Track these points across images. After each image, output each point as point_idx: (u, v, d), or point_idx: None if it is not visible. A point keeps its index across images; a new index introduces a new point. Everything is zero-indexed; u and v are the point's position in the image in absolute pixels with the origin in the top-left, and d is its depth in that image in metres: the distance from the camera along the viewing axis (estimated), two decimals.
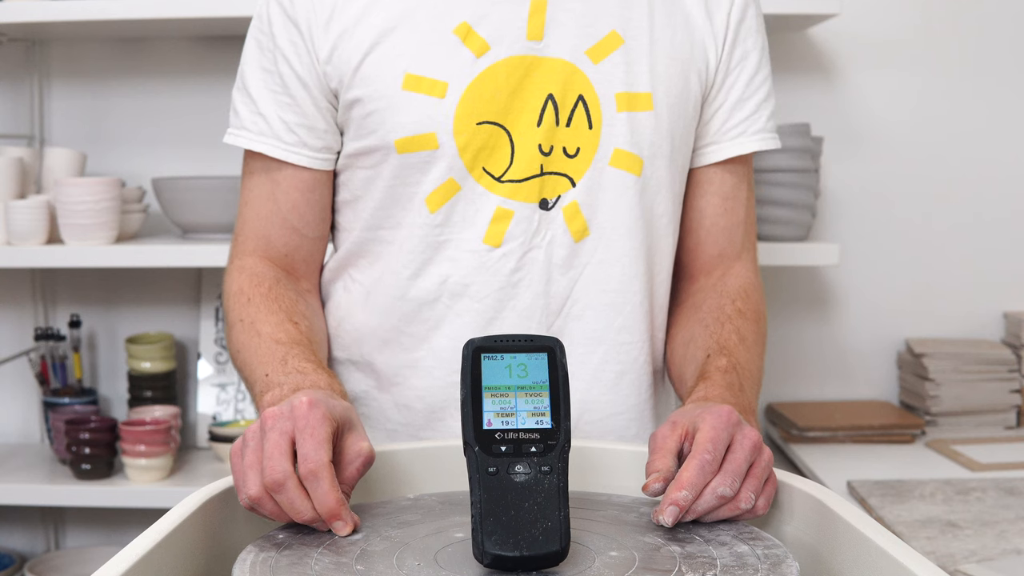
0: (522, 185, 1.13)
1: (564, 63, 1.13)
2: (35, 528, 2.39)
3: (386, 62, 1.12)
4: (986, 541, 1.49)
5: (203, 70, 2.30)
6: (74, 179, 2.00)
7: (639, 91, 1.15)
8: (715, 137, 1.22)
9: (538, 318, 1.16)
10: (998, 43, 2.28)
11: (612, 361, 1.19)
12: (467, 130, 1.12)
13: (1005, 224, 2.31)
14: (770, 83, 1.23)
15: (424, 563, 0.76)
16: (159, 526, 0.79)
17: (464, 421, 0.78)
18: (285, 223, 1.20)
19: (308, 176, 1.19)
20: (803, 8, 2.00)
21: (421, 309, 1.17)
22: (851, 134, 2.29)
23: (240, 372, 1.14)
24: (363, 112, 1.14)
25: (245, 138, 1.19)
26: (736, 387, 1.07)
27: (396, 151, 1.13)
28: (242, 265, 1.20)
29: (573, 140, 1.14)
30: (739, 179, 1.24)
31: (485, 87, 1.12)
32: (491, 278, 1.15)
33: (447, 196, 1.14)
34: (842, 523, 0.82)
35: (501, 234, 1.14)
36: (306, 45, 1.15)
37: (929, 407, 2.18)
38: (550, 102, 1.13)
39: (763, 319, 1.22)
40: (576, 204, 1.15)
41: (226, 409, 2.28)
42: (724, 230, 1.24)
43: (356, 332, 1.21)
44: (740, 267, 1.25)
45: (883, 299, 2.33)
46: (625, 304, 1.18)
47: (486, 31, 1.12)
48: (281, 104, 1.17)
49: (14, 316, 2.36)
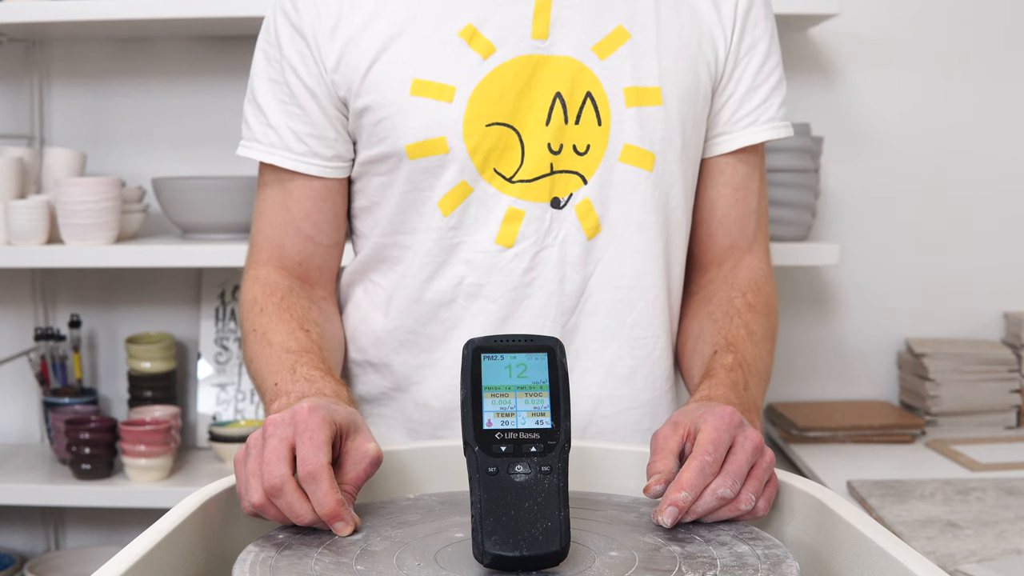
0: (533, 185, 1.14)
1: (571, 61, 1.13)
2: (35, 528, 2.39)
3: (393, 68, 1.13)
4: (986, 541, 1.49)
5: (203, 70, 2.30)
6: (74, 179, 2.00)
7: (647, 85, 1.15)
8: (726, 127, 1.22)
9: (552, 316, 1.16)
10: (998, 43, 2.28)
11: (626, 356, 1.19)
12: (477, 132, 1.12)
13: (1005, 224, 2.32)
14: (780, 71, 1.23)
15: (424, 563, 0.76)
16: (159, 526, 0.79)
17: (464, 421, 0.78)
18: (299, 232, 1.21)
19: (320, 185, 1.19)
20: (803, 8, 2.00)
21: (438, 311, 1.18)
22: (851, 134, 2.29)
23: (253, 382, 1.15)
24: (373, 119, 1.14)
25: (256, 150, 1.19)
26: (741, 385, 1.07)
27: (408, 157, 1.13)
28: (256, 275, 1.21)
29: (583, 137, 1.14)
30: (751, 168, 1.24)
31: (493, 88, 1.12)
32: (505, 278, 1.16)
33: (460, 199, 1.14)
34: (842, 523, 0.82)
35: (513, 234, 1.14)
36: (313, 55, 1.15)
37: (929, 407, 2.18)
38: (558, 100, 1.13)
39: (774, 312, 1.22)
40: (588, 201, 1.15)
41: (226, 409, 2.28)
42: (736, 220, 1.24)
43: (374, 335, 1.22)
44: (751, 259, 1.25)
45: (883, 299, 2.33)
46: (639, 299, 1.18)
47: (491, 32, 1.12)
48: (290, 114, 1.17)
49: (14, 316, 2.36)
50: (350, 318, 1.25)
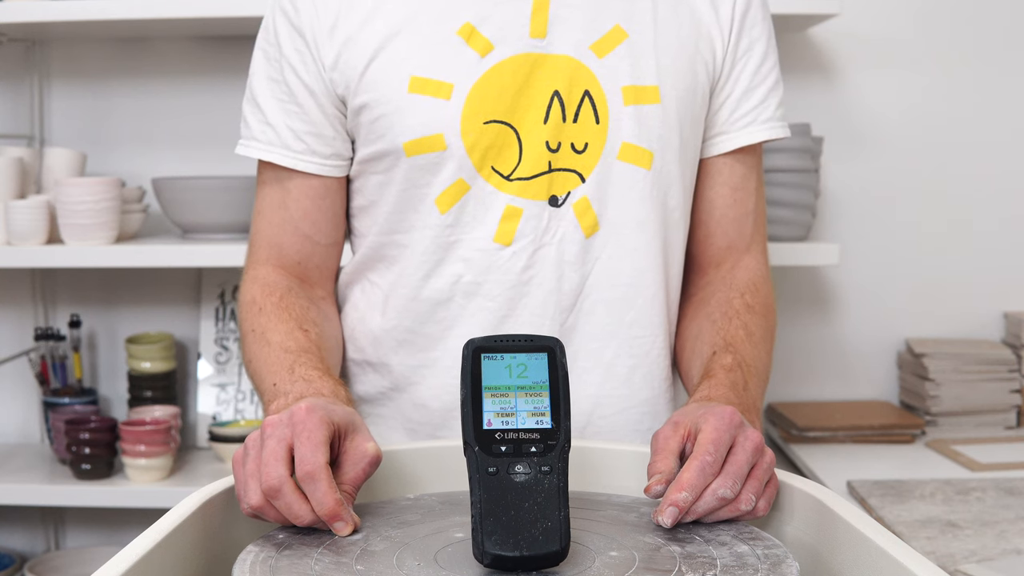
0: (531, 183, 1.14)
1: (568, 59, 1.13)
2: (35, 528, 2.39)
3: (391, 66, 1.13)
4: (986, 541, 1.49)
5: (203, 70, 2.30)
6: (74, 179, 2.00)
7: (645, 84, 1.15)
8: (724, 127, 1.22)
9: (551, 315, 1.16)
10: (998, 43, 2.28)
11: (625, 355, 1.19)
12: (474, 130, 1.12)
13: (1005, 224, 2.31)
14: (777, 71, 1.24)
15: (424, 563, 0.76)
16: (159, 526, 0.79)
17: (464, 421, 0.78)
18: (297, 231, 1.21)
19: (318, 183, 1.19)
20: (803, 8, 2.00)
21: (435, 309, 1.18)
22: (851, 134, 2.29)
23: (252, 381, 1.15)
24: (371, 117, 1.14)
25: (255, 148, 1.19)
26: (740, 386, 1.07)
27: (405, 154, 1.14)
28: (255, 275, 1.21)
29: (581, 136, 1.14)
30: (748, 169, 1.24)
31: (491, 86, 1.12)
32: (503, 277, 1.15)
33: (457, 196, 1.14)
34: (842, 523, 0.82)
35: (511, 232, 1.14)
36: (311, 53, 1.15)
37: (929, 407, 2.18)
38: (556, 99, 1.13)
39: (772, 312, 1.22)
40: (587, 200, 1.15)
41: (226, 409, 2.28)
42: (733, 221, 1.24)
43: (372, 334, 1.22)
44: (749, 259, 1.25)
45: (883, 299, 2.33)
46: (637, 297, 1.18)
47: (489, 31, 1.13)
48: (289, 113, 1.17)
49: (14, 316, 2.36)
50: (348, 318, 1.25)
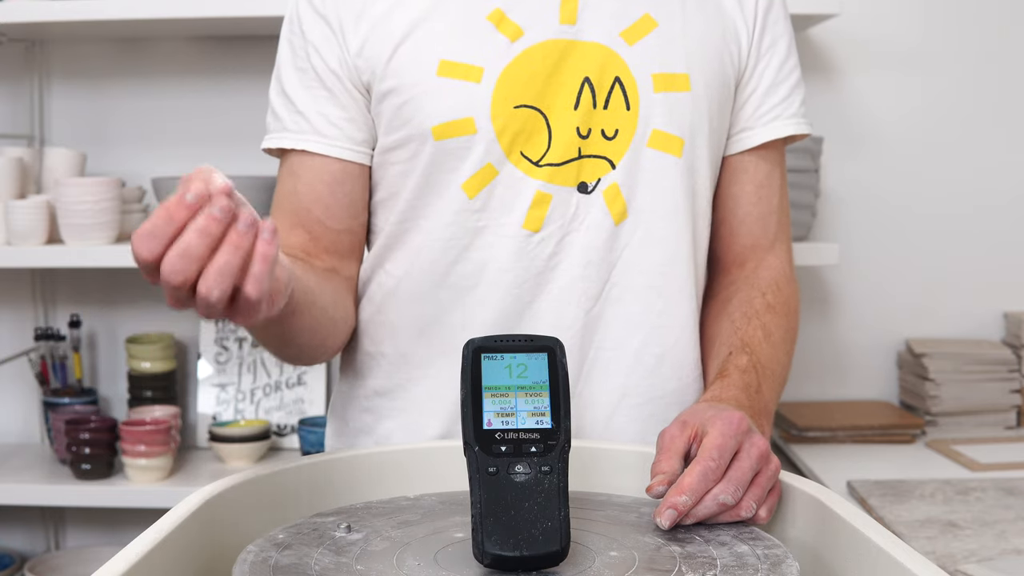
0: (560, 169, 1.13)
1: (599, 46, 1.13)
2: (35, 528, 2.39)
3: (420, 50, 1.12)
4: (986, 541, 1.49)
5: (203, 70, 2.30)
6: (74, 179, 2.00)
7: (676, 72, 1.14)
8: (748, 123, 1.22)
9: (576, 302, 1.15)
10: (998, 43, 2.28)
11: (653, 344, 1.17)
12: (504, 114, 1.11)
13: (1005, 224, 2.31)
14: (799, 71, 1.24)
15: (424, 563, 0.76)
16: (159, 526, 0.79)
17: (464, 421, 0.78)
18: (309, 214, 1.18)
19: (338, 169, 1.17)
20: (803, 8, 2.00)
21: (461, 296, 1.16)
22: (851, 134, 2.29)
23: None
24: (397, 102, 1.13)
25: (289, 139, 1.18)
26: (753, 388, 1.06)
27: (433, 138, 1.12)
28: None
29: (611, 122, 1.13)
30: (772, 166, 1.24)
31: (521, 71, 1.12)
32: (529, 263, 1.14)
33: (485, 181, 1.13)
34: (842, 523, 0.81)
35: (540, 219, 1.13)
36: (337, 39, 1.14)
37: (929, 407, 2.18)
38: (586, 85, 1.12)
39: (794, 313, 1.21)
40: (616, 186, 1.14)
41: (226, 409, 2.28)
42: (758, 219, 1.24)
43: (390, 324, 1.19)
44: (773, 258, 1.24)
45: (883, 299, 2.33)
46: (666, 287, 1.17)
47: (519, 17, 1.12)
48: (318, 99, 1.16)
49: (14, 316, 2.36)
50: (364, 311, 1.22)
